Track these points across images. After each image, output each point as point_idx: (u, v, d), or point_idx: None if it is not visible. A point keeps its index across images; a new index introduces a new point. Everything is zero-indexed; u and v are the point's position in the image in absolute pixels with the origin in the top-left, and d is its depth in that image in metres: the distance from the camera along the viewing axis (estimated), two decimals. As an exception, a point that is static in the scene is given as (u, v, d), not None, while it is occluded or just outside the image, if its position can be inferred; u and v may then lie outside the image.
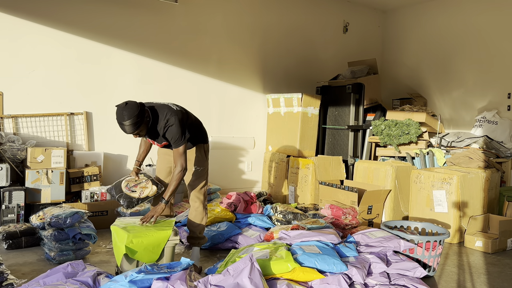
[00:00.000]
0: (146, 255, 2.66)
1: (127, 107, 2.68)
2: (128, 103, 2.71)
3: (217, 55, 5.41)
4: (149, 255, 2.67)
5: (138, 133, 2.77)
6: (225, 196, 4.32)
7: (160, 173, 3.19)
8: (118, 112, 2.69)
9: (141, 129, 2.76)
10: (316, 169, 4.95)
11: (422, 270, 2.80)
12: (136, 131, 2.73)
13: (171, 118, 2.84)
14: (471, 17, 5.79)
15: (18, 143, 4.06)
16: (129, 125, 2.67)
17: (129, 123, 2.67)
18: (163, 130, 2.85)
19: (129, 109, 2.67)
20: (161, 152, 3.17)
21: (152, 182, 3.01)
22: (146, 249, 2.65)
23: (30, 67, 4.27)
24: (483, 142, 4.89)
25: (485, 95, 5.60)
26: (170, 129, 2.84)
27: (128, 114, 2.66)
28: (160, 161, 3.20)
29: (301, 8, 6.09)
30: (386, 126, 5.09)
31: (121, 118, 2.67)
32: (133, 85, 4.83)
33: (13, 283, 2.53)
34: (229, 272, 2.33)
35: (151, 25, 4.90)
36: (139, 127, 2.73)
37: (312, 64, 6.26)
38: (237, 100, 5.60)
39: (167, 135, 2.86)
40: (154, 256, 2.69)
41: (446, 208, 4.07)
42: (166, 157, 3.14)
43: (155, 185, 2.99)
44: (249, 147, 5.72)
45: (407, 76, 6.60)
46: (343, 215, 3.94)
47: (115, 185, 3.00)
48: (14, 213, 3.80)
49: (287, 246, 2.86)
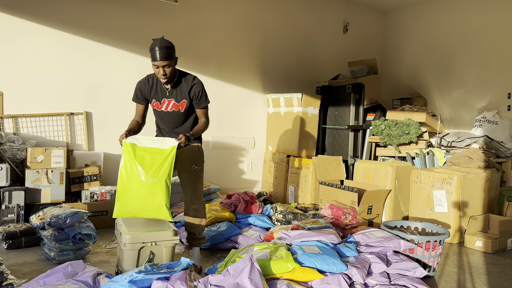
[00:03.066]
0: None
1: (163, 38, 2.79)
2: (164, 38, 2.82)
3: (217, 55, 5.41)
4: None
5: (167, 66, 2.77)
6: (225, 196, 4.33)
7: None
8: (154, 41, 2.78)
9: (171, 63, 2.78)
10: (316, 169, 4.95)
11: (422, 270, 2.80)
12: (167, 61, 2.75)
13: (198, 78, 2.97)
14: (471, 17, 5.79)
15: (18, 143, 4.06)
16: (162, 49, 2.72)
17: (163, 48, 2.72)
18: (192, 83, 2.92)
19: (165, 40, 2.78)
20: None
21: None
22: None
23: (30, 67, 4.27)
24: (483, 142, 4.89)
25: (485, 95, 5.60)
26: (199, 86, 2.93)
27: (165, 42, 2.76)
28: None
29: (301, 8, 6.10)
30: (386, 126, 5.09)
31: (155, 43, 2.74)
32: (133, 85, 4.80)
33: (13, 283, 2.53)
34: (229, 272, 2.33)
35: (151, 25, 4.90)
36: (171, 58, 2.76)
37: (312, 64, 6.26)
38: (237, 100, 5.60)
39: (195, 89, 2.92)
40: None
41: (446, 208, 4.07)
42: None
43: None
44: (249, 147, 5.72)
45: (407, 76, 6.60)
46: (343, 215, 3.94)
47: None
48: (14, 213, 3.80)
49: (287, 246, 2.86)
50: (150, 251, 2.69)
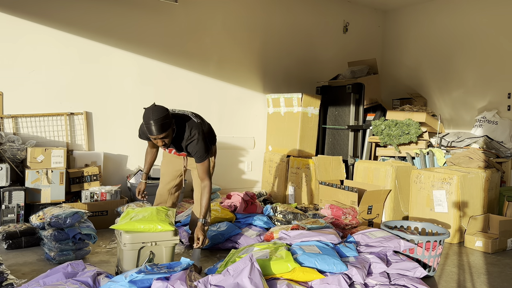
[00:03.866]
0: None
1: (155, 108, 2.62)
2: (156, 105, 2.66)
3: (217, 55, 5.41)
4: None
5: (165, 137, 2.68)
6: (225, 196, 4.32)
7: (165, 175, 3.19)
8: (146, 112, 2.62)
9: (168, 134, 2.68)
10: (316, 169, 4.95)
11: (422, 270, 2.80)
12: (163, 134, 2.64)
13: (194, 132, 2.80)
14: (471, 17, 5.79)
15: (18, 143, 4.06)
16: (157, 125, 2.59)
17: (157, 123, 2.59)
18: (186, 142, 2.81)
19: (157, 110, 2.61)
20: (173, 156, 3.16)
21: None
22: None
23: (30, 67, 4.27)
24: (483, 142, 4.89)
25: (485, 95, 5.60)
26: (194, 144, 2.80)
27: (157, 113, 2.60)
28: (167, 164, 3.19)
29: (301, 8, 6.09)
30: (386, 126, 5.09)
31: (148, 117, 2.60)
32: (133, 85, 4.83)
33: (13, 283, 2.53)
34: (229, 272, 2.33)
35: (151, 25, 4.90)
36: (167, 130, 2.65)
37: (312, 64, 6.26)
38: (237, 100, 5.60)
39: (189, 149, 2.83)
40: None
41: (446, 208, 4.07)
42: (177, 161, 3.13)
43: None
44: (249, 147, 5.72)
45: (407, 76, 6.60)
46: (343, 215, 3.94)
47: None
48: (14, 213, 3.80)
49: (287, 246, 2.86)
50: (150, 251, 2.69)
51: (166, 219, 2.77)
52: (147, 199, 4.27)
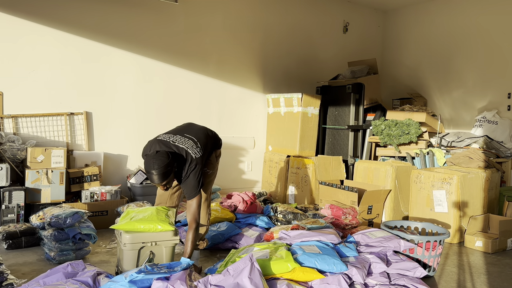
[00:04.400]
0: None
1: (157, 156, 2.61)
2: (158, 151, 2.64)
3: (217, 55, 5.41)
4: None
5: (167, 183, 2.68)
6: (225, 196, 4.33)
7: (162, 195, 3.20)
8: (147, 161, 2.61)
9: (170, 180, 2.68)
10: (316, 169, 4.95)
11: (422, 270, 2.80)
12: (165, 181, 2.64)
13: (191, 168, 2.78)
14: (471, 17, 5.79)
15: (18, 143, 4.06)
16: (158, 174, 2.59)
17: (159, 172, 2.59)
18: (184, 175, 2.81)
19: (159, 158, 2.60)
20: None
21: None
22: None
23: (30, 67, 4.27)
24: (483, 142, 4.89)
25: (485, 95, 5.60)
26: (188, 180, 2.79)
27: (158, 163, 2.59)
28: None
29: (301, 8, 6.09)
30: (386, 126, 5.09)
31: (150, 166, 2.60)
32: (133, 84, 4.83)
33: (13, 283, 2.53)
34: (229, 272, 2.33)
35: (151, 25, 4.90)
36: (168, 177, 2.64)
37: (312, 64, 6.26)
38: (237, 100, 5.60)
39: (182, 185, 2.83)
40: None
41: (446, 208, 4.07)
42: None
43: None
44: (249, 147, 5.72)
45: (407, 76, 6.60)
46: (343, 215, 3.94)
47: None
48: (14, 213, 3.80)
49: (287, 246, 2.86)
50: (150, 251, 2.69)
51: (166, 219, 2.77)
52: (147, 199, 4.27)
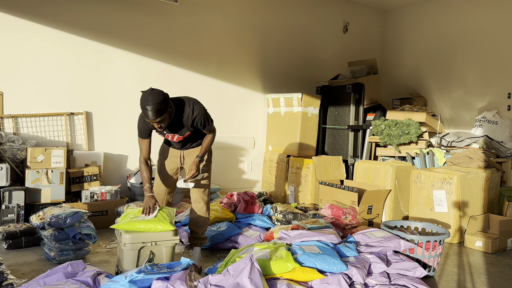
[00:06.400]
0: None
1: (152, 92, 2.66)
2: (153, 89, 2.69)
3: (217, 55, 5.41)
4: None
5: (161, 121, 2.72)
6: (225, 196, 4.32)
7: (161, 174, 3.18)
8: (143, 97, 2.65)
9: (164, 118, 2.72)
10: (316, 169, 4.95)
11: (422, 270, 2.80)
12: (159, 118, 2.68)
13: (197, 104, 2.88)
14: (471, 17, 5.79)
15: (18, 143, 4.06)
16: (153, 110, 2.63)
17: (153, 108, 2.62)
18: (192, 117, 2.85)
19: (154, 95, 2.64)
20: (171, 154, 3.16)
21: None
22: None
23: (30, 67, 4.27)
24: (483, 142, 4.89)
25: (485, 95, 5.60)
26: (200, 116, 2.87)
27: (153, 99, 2.63)
28: (163, 163, 3.17)
29: (301, 8, 6.09)
30: (386, 126, 5.09)
31: (145, 102, 2.63)
32: (133, 84, 4.83)
33: (13, 283, 2.53)
34: (229, 272, 2.33)
35: (151, 25, 4.90)
36: (163, 115, 2.68)
37: (312, 64, 6.26)
38: (237, 100, 5.60)
39: (197, 121, 2.87)
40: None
41: (446, 208, 4.07)
42: (173, 159, 3.13)
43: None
44: (249, 147, 5.72)
45: (407, 76, 6.60)
46: (343, 215, 3.94)
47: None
48: (14, 213, 3.80)
49: (287, 246, 2.86)
50: (150, 251, 2.69)
51: (166, 219, 2.77)
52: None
